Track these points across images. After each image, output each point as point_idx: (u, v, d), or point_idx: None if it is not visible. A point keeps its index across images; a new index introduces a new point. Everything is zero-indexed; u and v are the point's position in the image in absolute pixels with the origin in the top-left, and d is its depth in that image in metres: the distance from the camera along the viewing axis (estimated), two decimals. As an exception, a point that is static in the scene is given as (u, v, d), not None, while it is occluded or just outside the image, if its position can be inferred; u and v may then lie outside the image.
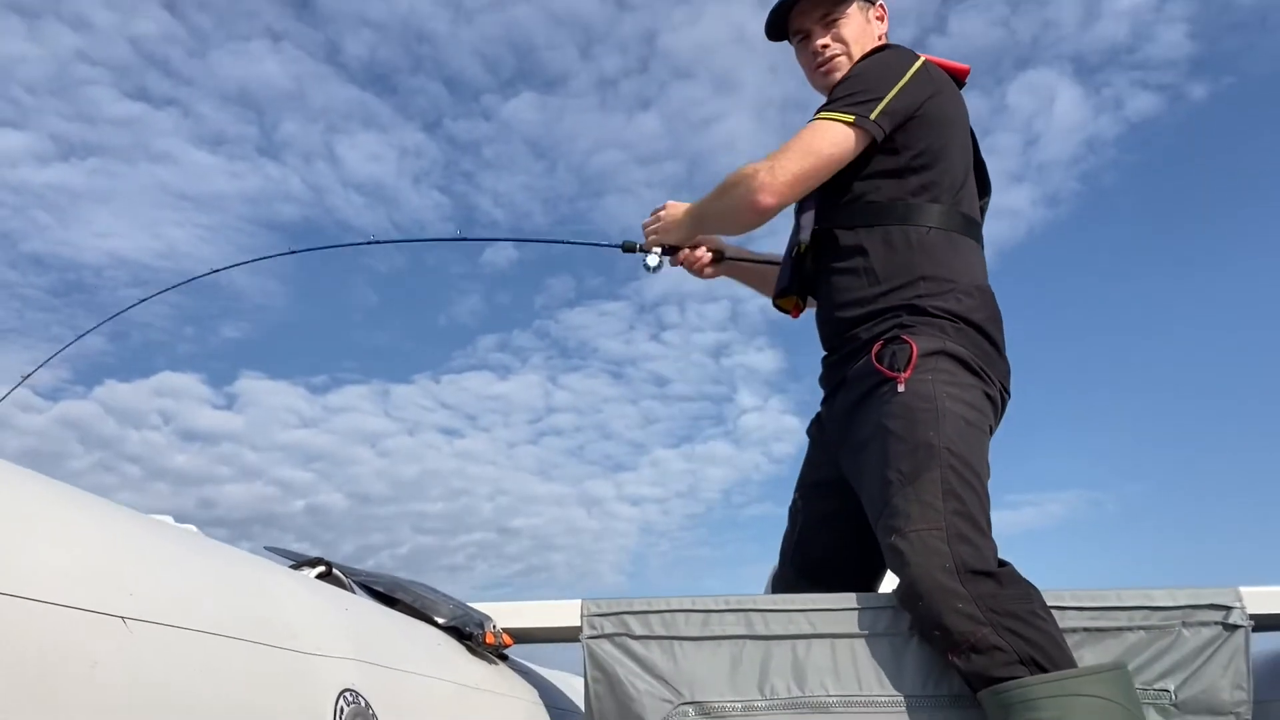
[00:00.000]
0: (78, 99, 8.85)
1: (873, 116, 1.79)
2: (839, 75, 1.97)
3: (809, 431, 2.06)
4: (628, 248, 2.19)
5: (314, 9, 9.73)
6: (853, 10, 2.00)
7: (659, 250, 2.14)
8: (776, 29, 2.07)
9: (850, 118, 1.79)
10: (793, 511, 2.07)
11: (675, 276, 2.18)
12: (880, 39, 2.05)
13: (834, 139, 1.80)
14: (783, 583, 2.06)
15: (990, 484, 1.74)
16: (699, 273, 2.17)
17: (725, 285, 2.30)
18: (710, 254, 2.15)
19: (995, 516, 1.70)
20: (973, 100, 2.04)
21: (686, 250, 2.13)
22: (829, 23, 1.99)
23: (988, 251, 1.98)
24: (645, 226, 2.15)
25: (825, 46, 1.99)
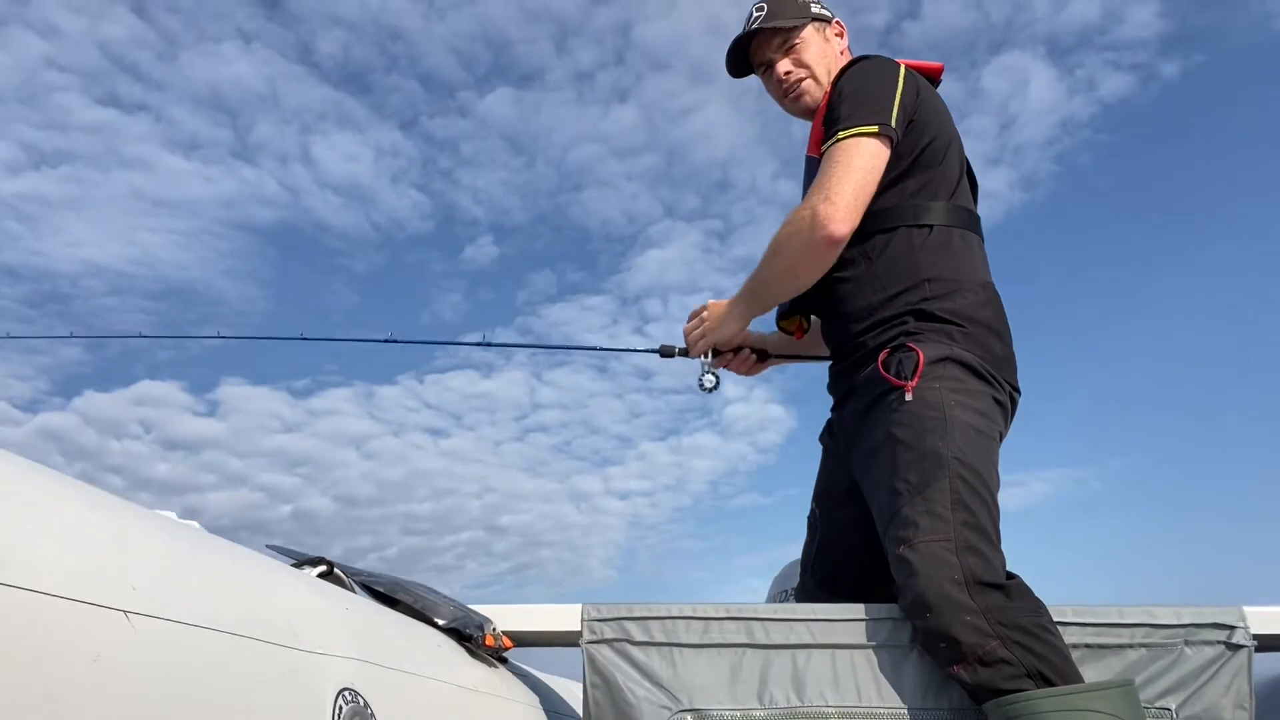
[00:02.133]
0: (48, 106, 8.74)
1: (892, 123, 1.81)
2: (808, 99, 2.02)
3: (821, 440, 2.06)
4: (665, 352, 2.08)
5: (285, 8, 9.63)
6: (808, 33, 2.04)
7: (707, 362, 2.00)
8: (738, 65, 2.11)
9: (874, 128, 1.80)
10: (811, 522, 2.07)
11: (658, 267, 2.12)
12: (843, 54, 2.08)
13: (869, 151, 1.80)
14: (803, 593, 2.06)
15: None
16: (747, 372, 2.13)
17: (704, 274, 2.24)
18: (754, 354, 2.11)
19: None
20: (948, 85, 2.05)
21: (730, 354, 2.05)
22: (788, 49, 2.04)
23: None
24: (688, 331, 2.03)
25: (789, 73, 2.04)
